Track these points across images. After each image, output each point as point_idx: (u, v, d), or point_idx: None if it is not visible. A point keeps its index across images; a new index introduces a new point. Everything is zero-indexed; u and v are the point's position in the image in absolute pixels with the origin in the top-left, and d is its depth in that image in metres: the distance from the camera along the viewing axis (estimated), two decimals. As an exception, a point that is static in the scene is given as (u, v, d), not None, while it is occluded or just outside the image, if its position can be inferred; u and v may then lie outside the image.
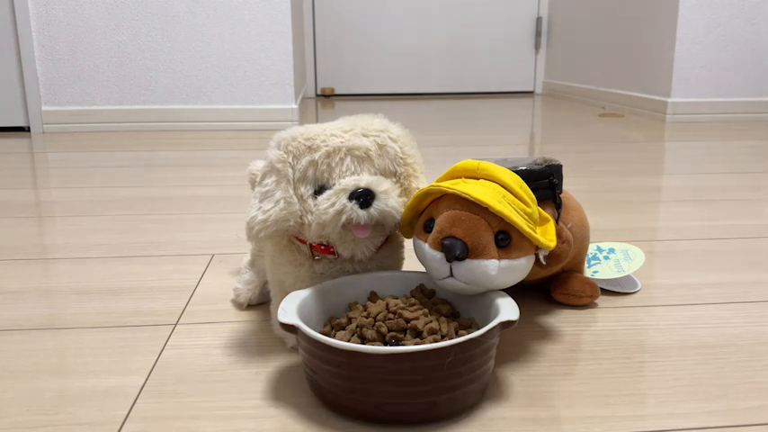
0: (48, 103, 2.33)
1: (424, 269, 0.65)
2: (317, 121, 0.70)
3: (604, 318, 0.78)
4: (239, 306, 0.81)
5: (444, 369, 0.54)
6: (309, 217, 0.64)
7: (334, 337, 0.59)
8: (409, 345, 0.57)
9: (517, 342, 0.71)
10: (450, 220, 0.61)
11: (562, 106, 3.18)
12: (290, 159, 0.65)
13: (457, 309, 0.65)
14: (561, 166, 0.76)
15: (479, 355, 0.56)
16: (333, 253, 0.67)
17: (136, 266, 0.97)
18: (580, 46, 3.34)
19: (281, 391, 0.61)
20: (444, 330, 0.59)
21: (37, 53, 2.29)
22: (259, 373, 0.65)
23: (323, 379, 0.57)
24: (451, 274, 0.61)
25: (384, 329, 0.59)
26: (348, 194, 0.62)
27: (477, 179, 0.63)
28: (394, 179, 0.67)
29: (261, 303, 0.81)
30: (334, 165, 0.64)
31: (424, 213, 0.65)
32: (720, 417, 0.57)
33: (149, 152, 2.02)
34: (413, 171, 0.68)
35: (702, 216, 1.23)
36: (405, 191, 0.67)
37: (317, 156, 0.64)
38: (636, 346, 0.70)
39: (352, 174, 0.64)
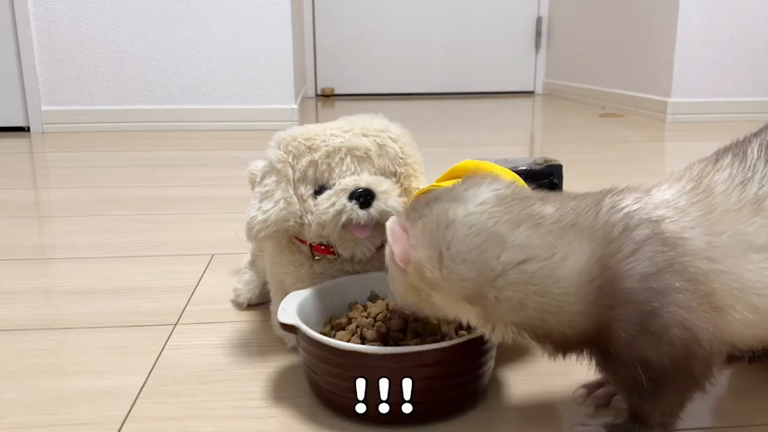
0: (48, 103, 2.33)
1: (424, 269, 0.65)
2: (316, 121, 0.71)
3: (604, 318, 0.77)
4: (239, 306, 0.81)
5: (443, 369, 0.54)
6: (309, 217, 0.64)
7: (334, 337, 0.59)
8: (409, 345, 0.57)
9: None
10: (450, 220, 0.60)
11: (562, 106, 3.18)
12: (290, 159, 0.65)
13: (457, 309, 0.64)
14: (561, 166, 0.76)
15: (479, 355, 0.56)
16: (333, 253, 0.67)
17: (136, 266, 0.97)
18: (580, 46, 3.34)
19: (281, 391, 0.61)
20: (444, 330, 0.59)
21: (37, 53, 2.29)
22: (260, 373, 0.65)
23: (323, 379, 0.57)
24: (451, 274, 0.61)
25: (384, 329, 0.59)
26: (348, 194, 0.62)
27: (477, 179, 0.63)
28: (394, 179, 0.67)
29: (261, 303, 0.81)
30: (334, 165, 0.64)
31: (424, 213, 0.65)
32: (721, 417, 0.57)
33: (149, 152, 2.02)
34: (413, 171, 0.68)
35: (702, 216, 1.23)
36: (405, 191, 0.67)
37: (317, 156, 0.64)
38: (636, 346, 0.70)
39: (352, 174, 0.64)
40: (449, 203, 0.49)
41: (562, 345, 0.50)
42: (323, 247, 0.66)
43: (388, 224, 0.51)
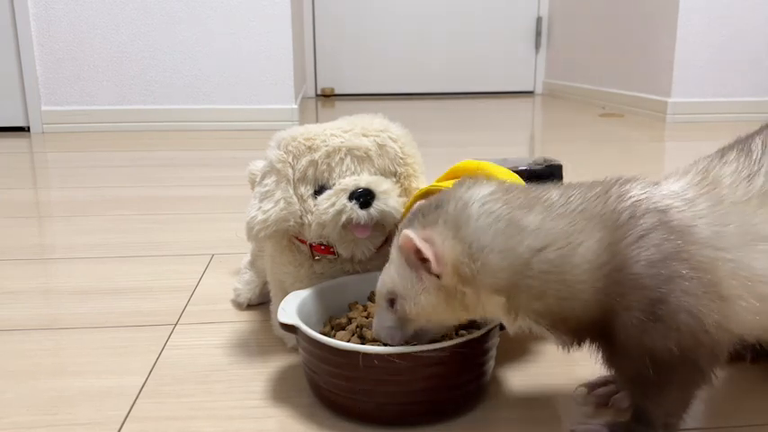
0: (48, 103, 2.33)
1: (424, 269, 0.65)
2: (316, 121, 0.71)
3: (604, 318, 0.77)
4: (239, 306, 0.81)
5: (444, 369, 0.54)
6: (309, 217, 0.64)
7: (334, 337, 0.59)
8: (409, 345, 0.57)
9: (517, 342, 0.70)
10: (450, 220, 0.60)
11: (562, 106, 3.18)
12: (290, 159, 0.65)
13: (457, 309, 0.64)
14: (561, 166, 0.76)
15: (479, 356, 0.56)
16: (333, 253, 0.67)
17: (136, 266, 0.97)
18: (580, 46, 3.34)
19: (281, 391, 0.61)
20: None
21: (37, 53, 2.29)
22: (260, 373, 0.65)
23: (323, 379, 0.57)
24: (451, 274, 0.61)
25: (384, 329, 0.59)
26: (348, 194, 0.62)
27: (477, 179, 0.63)
28: (394, 179, 0.67)
29: (261, 303, 0.81)
30: (334, 165, 0.64)
31: (424, 213, 0.65)
32: (721, 416, 0.57)
33: (149, 152, 2.02)
34: (413, 171, 0.68)
35: (702, 216, 1.23)
36: (405, 191, 0.67)
37: (317, 156, 0.64)
38: (636, 346, 0.70)
39: (352, 174, 0.64)
40: (459, 200, 0.50)
41: (576, 332, 0.50)
42: (323, 247, 0.66)
43: (407, 239, 0.49)
